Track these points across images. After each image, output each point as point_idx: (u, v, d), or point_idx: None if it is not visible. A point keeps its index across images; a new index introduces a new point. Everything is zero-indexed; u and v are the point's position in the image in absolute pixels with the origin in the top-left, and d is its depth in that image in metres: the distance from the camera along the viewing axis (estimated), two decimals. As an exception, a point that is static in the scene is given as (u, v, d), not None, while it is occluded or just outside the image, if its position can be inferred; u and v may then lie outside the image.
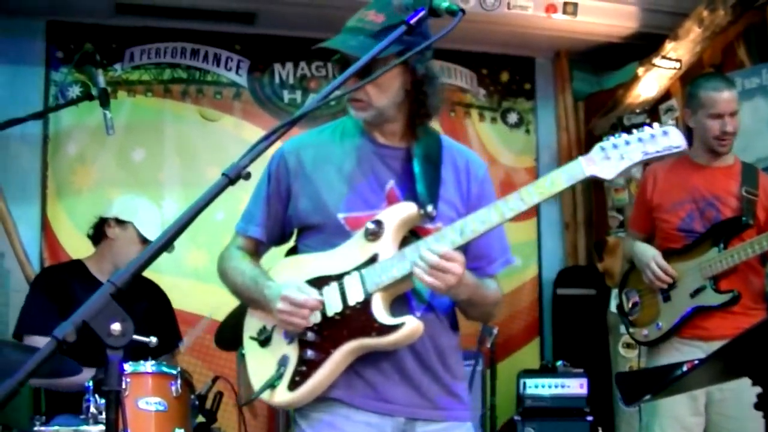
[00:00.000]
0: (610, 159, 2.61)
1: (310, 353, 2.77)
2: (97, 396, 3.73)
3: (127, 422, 3.52)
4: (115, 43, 6.47)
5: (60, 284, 4.66)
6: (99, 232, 4.89)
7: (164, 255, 4.94)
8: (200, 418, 4.28)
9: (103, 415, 3.65)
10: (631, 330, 4.58)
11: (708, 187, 4.37)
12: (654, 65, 6.37)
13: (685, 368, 2.42)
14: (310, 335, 2.78)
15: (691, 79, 6.22)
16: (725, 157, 4.43)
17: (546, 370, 6.23)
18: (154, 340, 2.16)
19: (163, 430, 3.78)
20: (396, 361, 2.79)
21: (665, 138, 2.61)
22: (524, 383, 6.03)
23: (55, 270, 5.14)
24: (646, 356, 4.60)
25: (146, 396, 3.80)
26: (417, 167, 2.84)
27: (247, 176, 2.09)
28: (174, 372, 3.92)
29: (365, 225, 2.77)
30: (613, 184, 7.01)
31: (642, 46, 6.64)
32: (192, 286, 5.97)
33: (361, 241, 2.78)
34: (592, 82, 7.44)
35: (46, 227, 6.19)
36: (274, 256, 3.10)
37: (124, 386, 3.77)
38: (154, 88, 6.53)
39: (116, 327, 1.88)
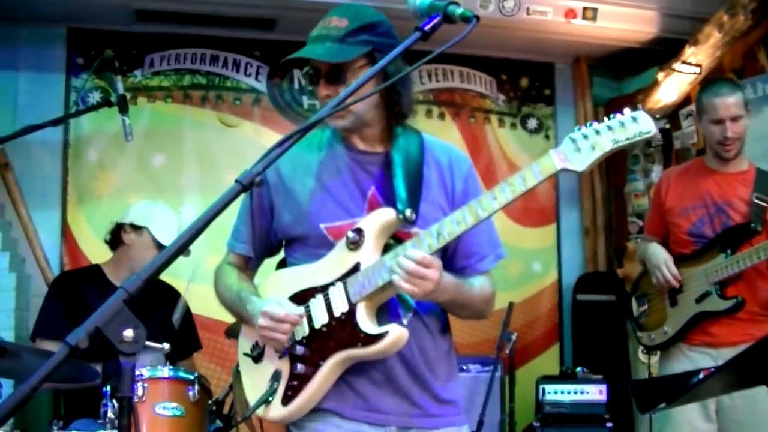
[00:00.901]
0: (580, 150, 2.51)
1: (300, 367, 2.77)
2: (114, 401, 3.74)
3: (140, 428, 3.57)
4: (135, 50, 6.50)
5: (74, 289, 4.69)
6: (116, 238, 4.93)
7: (183, 260, 5.00)
8: (218, 423, 4.29)
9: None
10: (639, 334, 4.61)
11: (720, 192, 4.37)
12: (674, 70, 6.35)
13: (700, 376, 2.40)
14: (300, 349, 2.77)
15: (717, 78, 6.23)
16: (738, 163, 4.43)
17: (565, 376, 6.21)
18: (167, 346, 2.16)
19: (180, 436, 3.79)
20: (386, 370, 2.78)
21: (634, 124, 2.51)
22: (543, 389, 6.01)
23: (70, 275, 5.17)
24: (658, 363, 4.60)
25: (163, 401, 3.81)
26: (397, 171, 2.82)
27: (261, 183, 2.09)
28: (191, 377, 3.92)
29: (346, 234, 2.76)
30: (634, 190, 7.00)
31: (662, 51, 6.61)
32: (211, 291, 5.86)
33: (343, 250, 2.77)
34: (612, 88, 7.42)
35: (66, 233, 6.22)
36: (267, 267, 3.11)
37: (141, 392, 3.80)
38: (174, 94, 6.55)
39: (128, 333, 1.87)
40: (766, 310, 4.31)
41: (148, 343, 1.92)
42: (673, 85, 6.47)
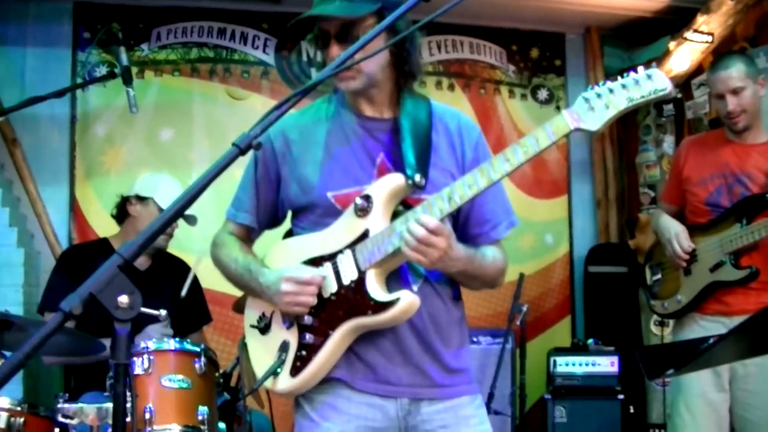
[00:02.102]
0: (594, 110, 2.47)
1: (308, 337, 2.73)
2: (121, 373, 3.72)
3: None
4: (142, 23, 6.44)
5: (82, 263, 4.68)
6: (122, 211, 4.93)
7: (195, 234, 4.98)
8: (225, 396, 4.27)
9: (127, 392, 3.64)
10: (652, 302, 4.59)
11: (738, 163, 4.35)
12: (686, 39, 6.27)
13: (710, 342, 2.36)
14: (308, 319, 2.74)
15: (723, 52, 6.17)
16: (757, 135, 4.41)
17: (577, 348, 6.18)
18: (163, 313, 2.14)
19: (187, 408, 3.76)
20: (396, 340, 2.74)
21: (649, 82, 2.46)
22: (555, 361, 5.99)
23: (78, 249, 5.18)
24: (671, 334, 4.58)
25: (170, 373, 3.79)
26: (405, 136, 2.77)
27: (258, 146, 2.07)
28: (198, 350, 3.90)
29: (354, 200, 2.71)
30: (645, 161, 6.95)
31: (674, 21, 6.53)
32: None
33: (351, 217, 2.73)
34: (624, 58, 7.33)
35: (75, 208, 6.20)
36: (272, 239, 3.06)
37: (147, 364, 3.78)
38: (182, 68, 6.50)
39: (124, 299, 1.85)
40: None
41: (142, 309, 1.88)
42: (684, 54, 6.40)
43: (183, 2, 6.52)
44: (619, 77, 2.49)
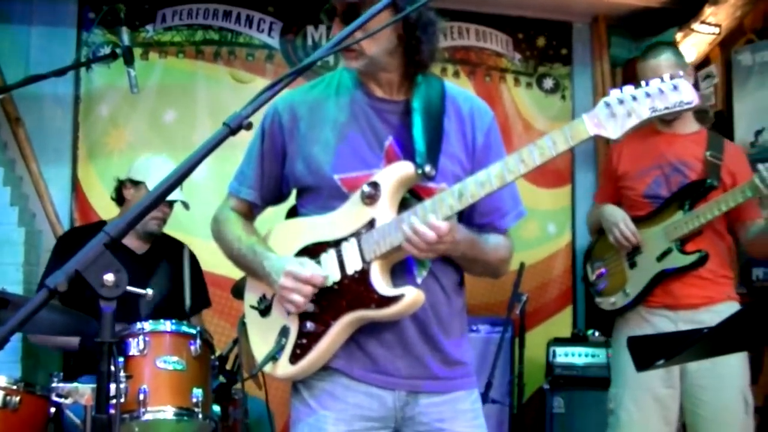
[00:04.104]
0: (615, 117, 2.42)
1: (309, 325, 2.72)
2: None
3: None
4: (148, 4, 6.42)
5: (80, 245, 4.64)
6: (119, 195, 4.95)
7: (196, 218, 4.98)
8: (221, 379, 4.28)
9: (122, 373, 3.66)
10: (598, 300, 4.57)
11: (674, 152, 4.37)
12: (692, 30, 6.25)
13: (705, 332, 2.34)
14: (309, 306, 2.70)
15: (730, 44, 6.15)
16: (688, 125, 4.45)
17: (577, 339, 6.16)
18: (150, 292, 2.13)
19: (181, 389, 3.78)
20: (398, 332, 2.72)
21: (675, 93, 2.42)
22: (554, 351, 5.96)
23: (77, 231, 5.18)
24: (614, 329, 4.57)
25: (165, 355, 3.81)
26: (416, 121, 2.72)
27: (249, 126, 2.06)
28: (193, 332, 3.91)
29: (361, 187, 2.67)
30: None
31: (681, 11, 6.49)
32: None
33: (357, 204, 2.69)
34: (631, 48, 7.28)
35: (77, 188, 6.19)
36: (274, 218, 3.03)
37: (143, 345, 3.79)
38: (186, 50, 6.47)
39: (109, 278, 1.85)
40: (726, 269, 4.36)
41: (128, 288, 1.87)
42: (691, 45, 6.37)
43: (188, -16, 6.50)
44: (643, 84, 2.45)
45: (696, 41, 6.33)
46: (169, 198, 4.79)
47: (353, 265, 2.67)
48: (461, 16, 6.85)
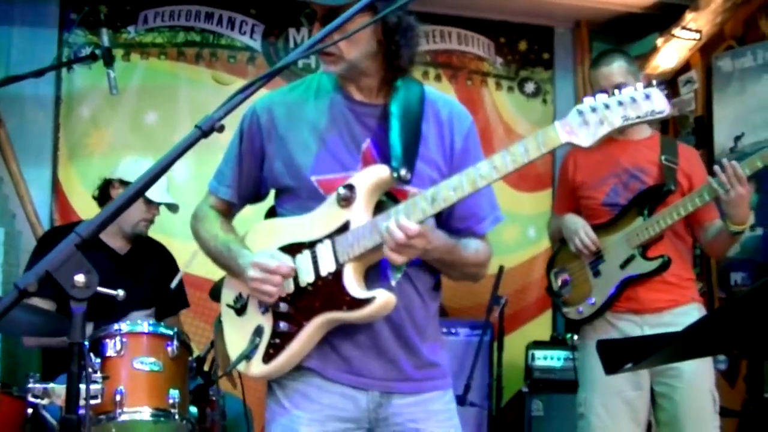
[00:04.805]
0: (588, 124, 2.42)
1: (283, 325, 2.73)
2: (92, 355, 3.73)
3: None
4: (129, 5, 6.42)
5: (60, 245, 4.66)
6: (104, 194, 4.92)
7: (175, 218, 4.97)
8: (199, 380, 4.27)
9: (98, 374, 3.66)
10: (565, 310, 4.56)
11: (629, 159, 4.40)
12: (673, 36, 6.27)
13: (675, 336, 2.35)
14: (283, 306, 2.73)
15: (711, 50, 6.19)
16: (641, 130, 4.46)
17: (556, 342, 6.18)
18: (121, 293, 2.14)
19: (158, 391, 3.77)
20: (372, 333, 2.73)
21: (647, 102, 2.41)
22: (533, 355, 5.97)
23: (58, 231, 5.16)
24: (581, 334, 4.58)
25: (141, 356, 3.80)
26: (394, 125, 2.72)
27: (221, 129, 2.05)
28: (171, 333, 3.90)
29: (337, 190, 2.68)
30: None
31: (662, 17, 6.52)
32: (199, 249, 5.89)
33: (333, 206, 2.70)
34: (612, 54, 7.32)
35: (57, 189, 6.18)
36: (254, 217, 3.05)
37: (120, 346, 3.78)
38: (168, 52, 6.47)
39: (80, 279, 1.85)
40: (688, 272, 4.41)
41: (99, 288, 1.87)
42: (672, 51, 6.40)
43: (170, -15, 6.50)
44: (616, 91, 2.45)
45: (677, 47, 6.36)
46: (159, 200, 4.81)
47: (327, 267, 2.68)
48: (443, 19, 6.86)
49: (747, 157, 4.07)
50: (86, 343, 3.75)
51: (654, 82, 2.49)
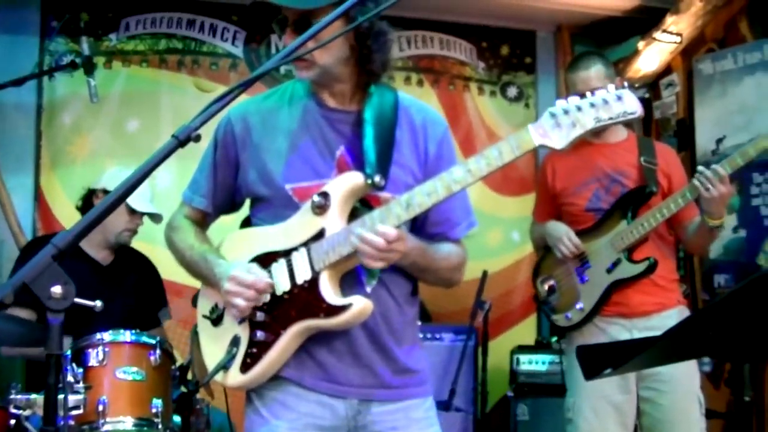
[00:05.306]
0: (560, 127, 2.45)
1: (260, 334, 2.72)
2: (74, 365, 3.71)
3: (100, 391, 3.54)
4: (111, 13, 6.41)
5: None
6: (88, 204, 4.91)
7: (158, 227, 4.94)
8: (182, 389, 4.25)
9: (81, 384, 3.65)
10: (554, 317, 4.57)
11: (610, 164, 4.41)
12: (654, 39, 6.29)
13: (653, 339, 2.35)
14: (260, 315, 2.72)
15: (692, 53, 6.21)
16: (619, 133, 4.49)
17: (540, 347, 6.18)
18: (99, 304, 2.13)
19: (141, 400, 3.75)
20: (348, 341, 2.73)
21: (619, 103, 2.43)
22: (518, 359, 5.98)
23: (41, 241, 5.13)
24: (567, 338, 4.59)
25: (124, 365, 3.78)
26: (368, 131, 2.72)
27: (197, 138, 2.04)
28: (153, 342, 3.89)
29: (311, 197, 2.67)
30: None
31: (643, 20, 6.54)
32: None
33: (308, 214, 2.69)
34: (594, 57, 7.34)
35: (39, 197, 6.17)
36: (229, 226, 3.05)
37: (102, 356, 3.77)
38: (150, 59, 6.47)
39: (57, 290, 1.84)
40: (674, 273, 4.43)
41: (77, 299, 1.87)
42: (653, 54, 6.41)
43: (152, -7, 6.49)
44: (588, 94, 2.46)
45: (658, 50, 6.37)
46: (143, 210, 4.79)
47: (303, 275, 2.67)
48: (425, 24, 6.87)
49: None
50: (68, 353, 3.76)
51: (633, 85, 2.50)
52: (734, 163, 4.02)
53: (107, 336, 3.84)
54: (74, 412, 3.56)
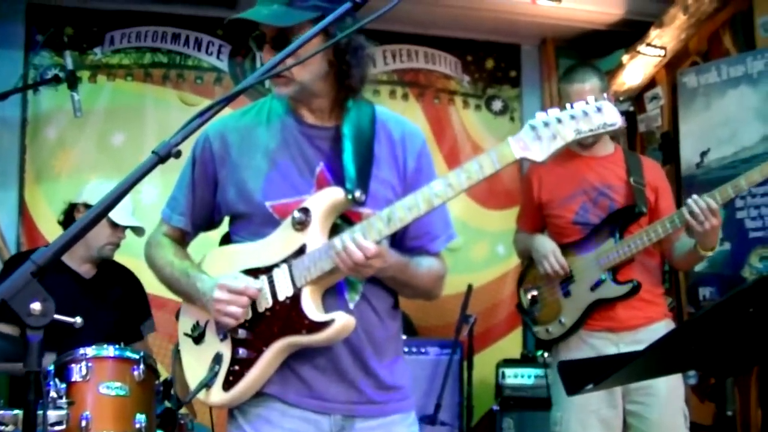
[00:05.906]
0: (541, 139, 2.43)
1: (242, 352, 2.70)
2: (57, 380, 3.70)
3: (83, 407, 3.52)
4: (96, 27, 6.41)
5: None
6: (69, 218, 4.88)
7: (140, 240, 4.93)
8: (166, 404, 4.23)
9: (64, 400, 3.63)
10: (535, 329, 4.57)
11: (597, 177, 4.41)
12: (639, 53, 6.31)
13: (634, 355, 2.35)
14: (242, 332, 2.70)
15: (676, 66, 6.24)
16: (606, 146, 4.49)
17: (526, 360, 6.18)
18: (79, 320, 2.12)
19: (124, 415, 3.73)
20: (331, 357, 2.71)
21: (599, 115, 2.44)
22: (503, 373, 5.98)
23: (23, 256, 5.08)
24: (553, 352, 4.57)
25: (108, 381, 3.76)
26: (346, 147, 2.71)
27: (178, 154, 2.03)
28: (137, 356, 3.87)
29: (292, 214, 2.66)
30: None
31: (627, 34, 6.58)
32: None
33: (289, 230, 2.67)
34: (579, 70, 7.36)
35: (24, 211, 6.15)
36: (209, 243, 3.03)
37: (85, 371, 3.75)
38: (135, 73, 6.47)
39: (36, 306, 1.83)
40: (659, 287, 4.44)
41: (56, 316, 1.86)
42: (638, 67, 6.44)
43: (137, 6, 6.49)
44: (568, 106, 2.46)
45: (642, 63, 6.40)
46: (125, 223, 4.77)
47: (284, 291, 2.66)
48: (410, 38, 6.87)
49: (716, 177, 4.08)
50: (51, 368, 3.74)
51: (618, 98, 2.51)
52: (725, 194, 4.01)
53: (90, 351, 3.82)
54: (57, 428, 3.53)
